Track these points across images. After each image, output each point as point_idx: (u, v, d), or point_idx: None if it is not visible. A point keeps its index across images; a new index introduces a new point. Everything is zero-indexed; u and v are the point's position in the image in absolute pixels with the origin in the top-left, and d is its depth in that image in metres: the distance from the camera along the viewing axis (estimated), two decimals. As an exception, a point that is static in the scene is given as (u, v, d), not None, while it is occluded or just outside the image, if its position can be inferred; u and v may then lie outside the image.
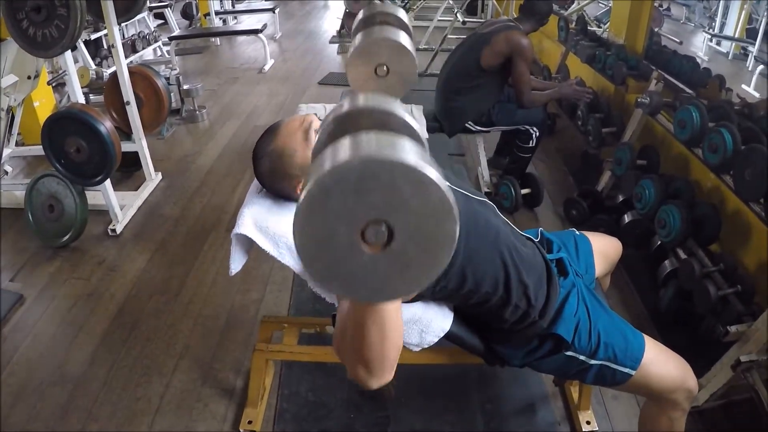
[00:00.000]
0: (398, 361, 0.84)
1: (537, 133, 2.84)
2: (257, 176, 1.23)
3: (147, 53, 5.77)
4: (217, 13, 7.36)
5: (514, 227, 1.32)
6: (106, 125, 2.48)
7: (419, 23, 7.12)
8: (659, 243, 2.32)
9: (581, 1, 4.65)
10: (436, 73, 3.14)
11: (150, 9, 6.35)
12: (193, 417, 1.77)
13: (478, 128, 2.88)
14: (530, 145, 2.88)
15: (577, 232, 1.56)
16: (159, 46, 6.09)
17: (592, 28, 4.18)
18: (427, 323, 1.23)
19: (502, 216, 1.29)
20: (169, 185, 3.30)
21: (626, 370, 1.24)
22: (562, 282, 1.30)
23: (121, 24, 3.79)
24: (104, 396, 1.85)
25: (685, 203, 2.11)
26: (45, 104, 3.57)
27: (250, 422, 1.70)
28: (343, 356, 0.85)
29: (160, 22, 7.09)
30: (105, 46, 5.15)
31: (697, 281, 1.92)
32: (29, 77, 2.81)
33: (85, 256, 2.61)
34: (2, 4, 2.26)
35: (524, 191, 2.93)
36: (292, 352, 1.74)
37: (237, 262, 1.25)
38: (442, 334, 1.25)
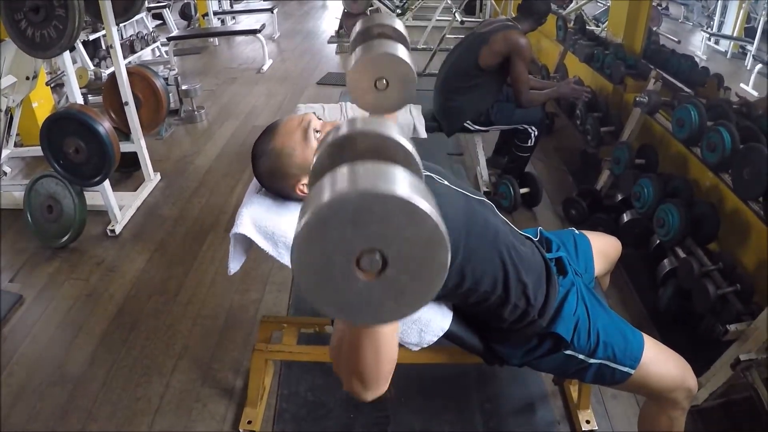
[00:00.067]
0: (398, 360, 0.85)
1: (535, 133, 2.84)
2: (256, 175, 1.23)
3: (145, 54, 5.77)
4: (216, 13, 7.36)
5: (513, 226, 1.31)
6: (104, 126, 2.48)
7: (418, 23, 7.13)
8: (658, 242, 2.32)
9: (579, 1, 4.65)
10: (435, 72, 3.14)
11: (148, 9, 6.35)
12: (192, 417, 1.77)
13: (477, 128, 2.88)
14: (529, 144, 2.88)
15: (577, 232, 1.56)
16: (157, 47, 6.09)
17: (590, 28, 4.18)
18: (426, 322, 1.23)
19: (500, 215, 1.29)
20: (167, 185, 3.30)
21: (625, 369, 1.24)
22: (561, 281, 1.30)
23: (120, 24, 3.80)
24: (104, 396, 1.85)
25: (683, 202, 2.11)
26: (43, 105, 3.56)
27: (249, 422, 1.70)
28: (339, 369, 0.87)
29: (159, 22, 7.08)
30: (103, 47, 5.15)
31: (696, 280, 1.92)
32: (28, 78, 2.80)
33: (84, 256, 2.61)
34: (1, 5, 2.26)
35: (523, 190, 2.93)
36: (292, 352, 1.74)
37: (236, 262, 1.24)
38: (441, 334, 1.25)
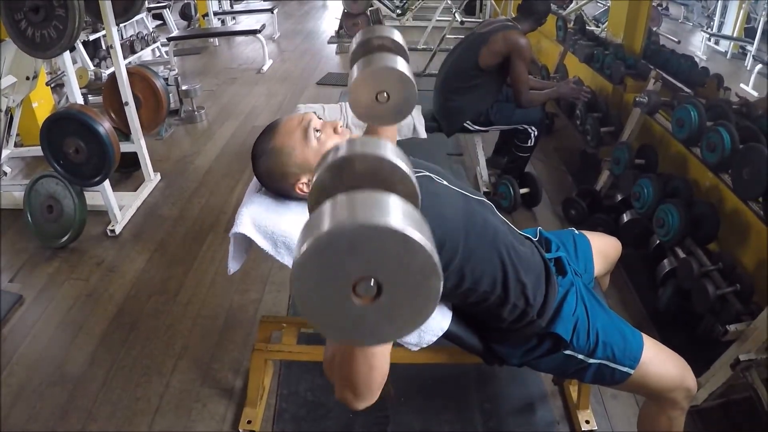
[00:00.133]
0: (397, 360, 0.86)
1: (535, 133, 2.84)
2: (256, 175, 1.23)
3: (145, 54, 5.77)
4: (216, 13, 7.36)
5: (513, 226, 1.32)
6: (104, 126, 2.48)
7: (418, 23, 7.14)
8: (658, 242, 2.32)
9: (579, 1, 4.65)
10: (435, 73, 3.14)
11: (148, 10, 6.35)
12: (192, 417, 1.77)
13: (477, 128, 2.88)
14: (528, 144, 2.88)
15: (576, 232, 1.55)
16: (157, 47, 6.09)
17: (590, 28, 4.19)
18: (425, 322, 1.23)
19: (500, 215, 1.29)
20: (167, 186, 3.30)
21: (625, 369, 1.23)
22: (561, 281, 1.30)
23: (120, 25, 3.79)
24: (103, 396, 1.85)
25: (683, 202, 2.11)
26: (43, 105, 3.56)
27: (249, 422, 1.70)
28: (331, 378, 0.91)
29: (159, 22, 7.08)
30: (103, 47, 5.16)
31: (696, 280, 1.92)
32: (28, 78, 2.80)
33: (84, 256, 2.61)
34: (1, 5, 2.26)
35: (523, 191, 2.93)
36: (291, 352, 1.74)
37: (236, 261, 1.24)
38: (441, 334, 1.24)
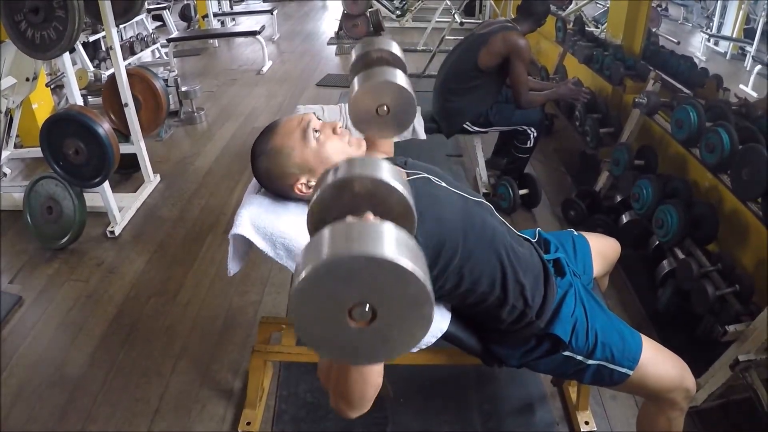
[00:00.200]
0: (396, 361, 0.86)
1: (535, 134, 2.84)
2: (255, 175, 1.23)
3: (145, 55, 5.77)
4: (216, 14, 7.37)
5: (511, 227, 1.32)
6: (104, 127, 2.48)
7: (417, 24, 7.15)
8: (657, 243, 2.32)
9: (579, 2, 4.66)
10: (434, 74, 3.15)
11: (148, 11, 6.36)
12: (191, 418, 1.77)
13: (476, 129, 2.88)
14: (528, 145, 2.88)
15: (575, 233, 1.56)
16: (157, 48, 6.09)
17: (589, 29, 4.19)
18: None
19: (498, 216, 1.29)
20: (167, 187, 3.30)
21: (624, 370, 1.23)
22: (560, 282, 1.30)
23: (120, 26, 3.80)
24: (103, 397, 1.85)
25: (682, 203, 2.11)
26: (43, 106, 3.57)
27: (248, 423, 1.70)
28: (326, 387, 0.94)
29: (159, 24, 7.09)
30: (103, 48, 5.15)
31: (695, 281, 1.92)
32: (27, 79, 2.80)
33: (84, 257, 2.61)
34: (1, 6, 2.26)
35: (522, 192, 2.93)
36: (291, 353, 1.74)
37: (235, 263, 1.24)
38: (440, 335, 1.24)
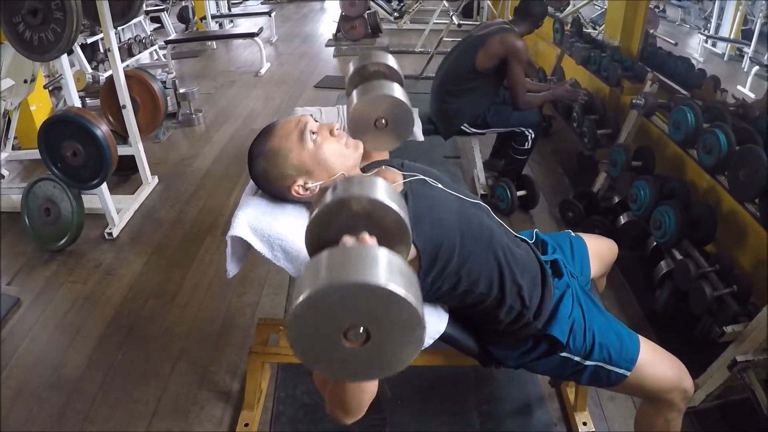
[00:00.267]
0: None
1: (532, 135, 2.85)
2: (252, 177, 1.23)
3: (143, 57, 5.76)
4: (214, 16, 7.37)
5: (509, 229, 1.32)
6: (102, 129, 2.48)
7: (415, 26, 7.16)
8: (655, 244, 2.32)
9: (577, 3, 4.67)
10: (432, 76, 3.15)
11: (146, 13, 6.34)
12: (189, 420, 1.77)
13: (474, 130, 2.89)
14: (525, 147, 2.89)
15: (573, 234, 1.56)
16: (155, 50, 6.08)
17: (587, 30, 4.20)
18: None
19: (496, 218, 1.29)
20: (165, 189, 3.30)
21: (621, 371, 1.24)
22: (557, 283, 1.31)
23: (118, 28, 3.80)
24: (101, 399, 1.85)
25: (680, 204, 2.11)
26: (41, 108, 3.57)
27: (246, 425, 1.70)
28: (323, 394, 0.97)
29: (157, 25, 7.08)
30: (101, 50, 5.15)
31: (693, 282, 1.92)
32: (26, 81, 2.81)
33: (82, 259, 2.61)
34: (-1, 8, 2.26)
35: (520, 193, 2.93)
36: (288, 355, 1.73)
37: (234, 264, 1.23)
38: (438, 336, 1.24)
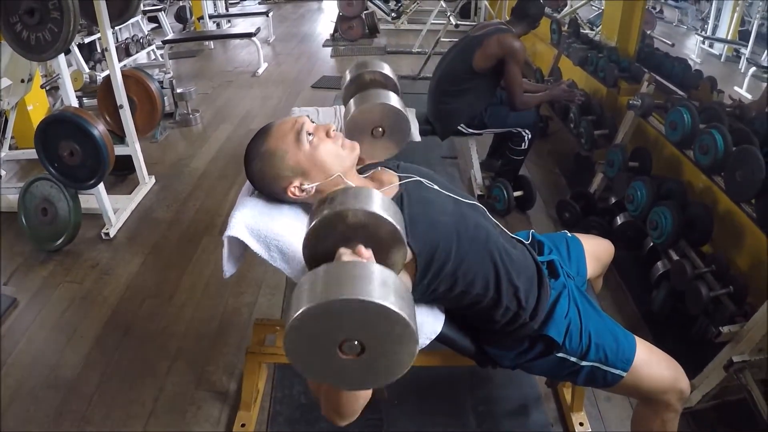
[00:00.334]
0: None
1: (529, 136, 2.85)
2: (249, 177, 1.23)
3: (140, 57, 5.75)
4: (211, 16, 7.36)
5: (505, 229, 1.32)
6: (99, 129, 2.47)
7: (413, 26, 7.16)
8: (651, 244, 2.33)
9: (574, 4, 4.67)
10: (429, 76, 3.15)
11: (144, 12, 6.33)
12: (186, 420, 1.77)
13: (471, 131, 2.89)
14: (522, 147, 2.89)
15: (569, 234, 1.56)
16: (153, 50, 6.07)
17: (584, 31, 4.20)
18: (418, 325, 1.22)
19: (492, 219, 1.29)
20: (162, 189, 3.30)
21: (617, 372, 1.24)
22: (553, 284, 1.31)
23: (115, 27, 3.80)
24: (98, 399, 1.84)
25: (677, 205, 2.12)
26: (38, 108, 3.56)
27: (243, 425, 1.70)
28: (318, 397, 1.00)
29: (154, 25, 7.07)
30: (98, 50, 5.13)
31: (690, 282, 1.93)
32: (23, 81, 2.80)
33: (79, 259, 2.61)
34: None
35: (517, 194, 2.94)
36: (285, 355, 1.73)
37: (231, 265, 1.23)
38: (434, 337, 1.25)
